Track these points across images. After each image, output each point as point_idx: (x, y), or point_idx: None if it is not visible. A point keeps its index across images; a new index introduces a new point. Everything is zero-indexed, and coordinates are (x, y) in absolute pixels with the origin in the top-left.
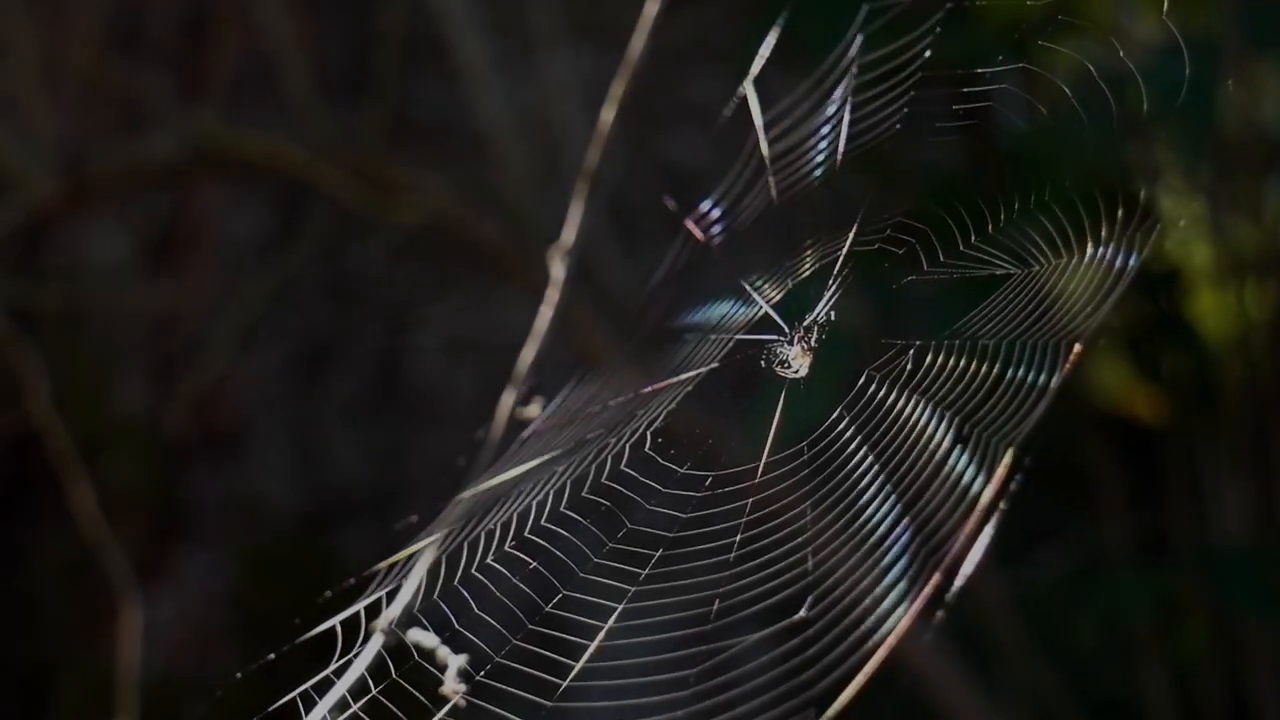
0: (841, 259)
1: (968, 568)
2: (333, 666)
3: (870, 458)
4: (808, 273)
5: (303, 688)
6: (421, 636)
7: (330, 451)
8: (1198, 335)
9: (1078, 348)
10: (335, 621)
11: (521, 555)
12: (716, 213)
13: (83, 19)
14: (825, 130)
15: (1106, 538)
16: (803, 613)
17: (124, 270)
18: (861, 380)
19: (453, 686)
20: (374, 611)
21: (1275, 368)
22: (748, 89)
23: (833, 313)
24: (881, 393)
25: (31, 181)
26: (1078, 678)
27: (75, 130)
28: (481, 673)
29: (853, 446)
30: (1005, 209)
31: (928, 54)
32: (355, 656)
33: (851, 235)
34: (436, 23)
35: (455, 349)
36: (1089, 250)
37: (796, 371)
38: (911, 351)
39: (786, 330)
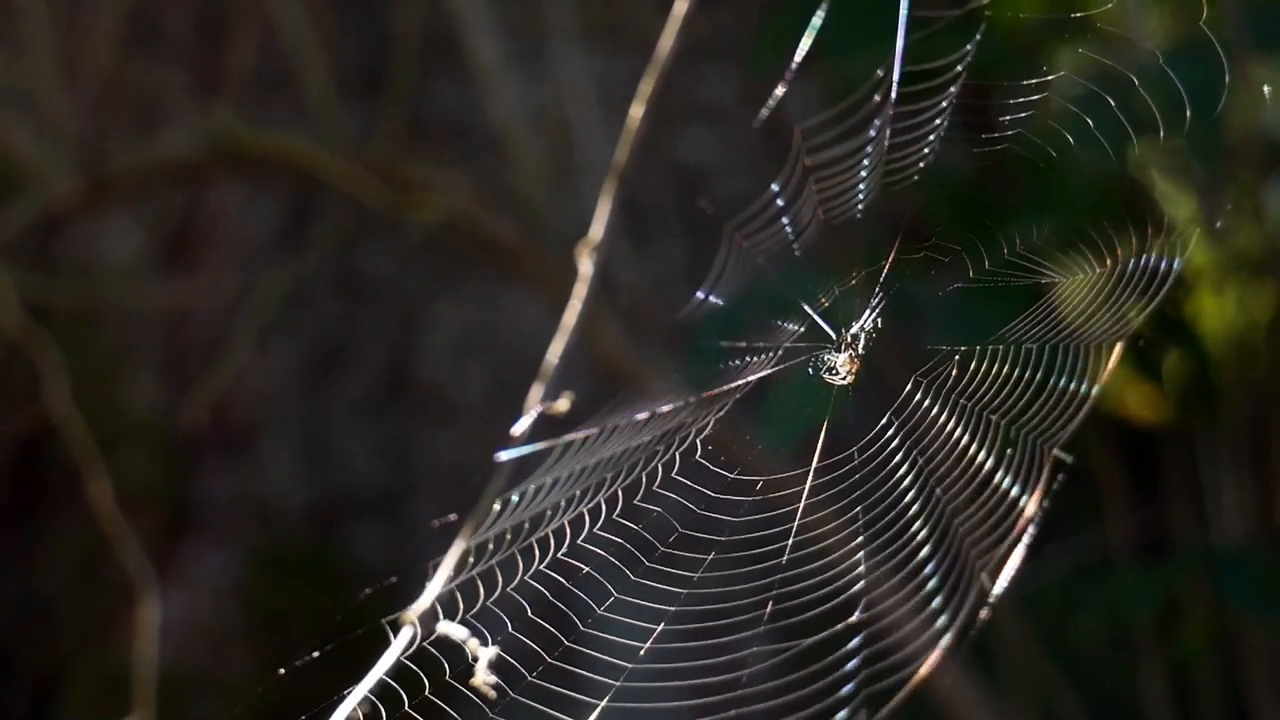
0: (886, 269)
1: (1010, 567)
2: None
3: (914, 459)
4: (854, 282)
5: (352, 692)
6: (451, 628)
7: (341, 450)
8: (1198, 335)
9: (1119, 349)
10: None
11: (573, 561)
12: (762, 222)
13: (101, 18)
14: (867, 148)
15: (1107, 537)
16: (855, 617)
17: (138, 268)
18: (907, 386)
19: (483, 678)
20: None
21: (1275, 368)
22: (780, 93)
23: (879, 321)
24: (925, 397)
25: (49, 178)
26: (1079, 675)
27: (93, 128)
28: (526, 675)
29: (896, 448)
30: (1030, 219)
31: (955, 69)
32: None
33: (896, 247)
34: (452, 23)
35: (465, 347)
36: (1123, 258)
37: (844, 379)
38: (956, 358)
39: (834, 338)
